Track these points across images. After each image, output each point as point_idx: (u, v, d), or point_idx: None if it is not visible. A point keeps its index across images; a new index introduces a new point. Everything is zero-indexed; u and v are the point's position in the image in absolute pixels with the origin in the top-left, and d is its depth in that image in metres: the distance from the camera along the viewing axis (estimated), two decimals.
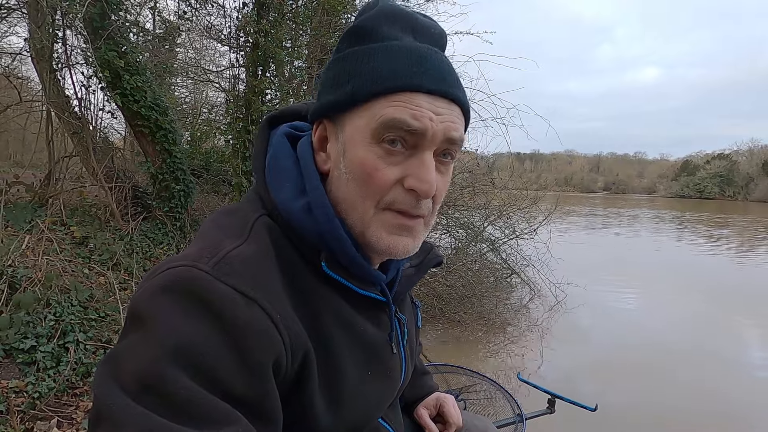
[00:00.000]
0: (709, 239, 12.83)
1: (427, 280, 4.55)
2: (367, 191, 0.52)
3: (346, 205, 0.54)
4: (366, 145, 0.51)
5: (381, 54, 0.52)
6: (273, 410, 0.45)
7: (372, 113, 0.51)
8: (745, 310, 5.44)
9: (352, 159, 0.52)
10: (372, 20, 0.54)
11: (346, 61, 0.54)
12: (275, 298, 0.47)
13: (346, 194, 0.54)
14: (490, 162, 6.96)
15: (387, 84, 0.50)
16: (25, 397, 2.08)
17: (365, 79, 0.51)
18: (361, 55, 0.53)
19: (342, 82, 0.53)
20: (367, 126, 0.51)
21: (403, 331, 0.67)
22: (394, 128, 0.50)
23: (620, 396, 3.10)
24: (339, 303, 0.55)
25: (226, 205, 0.64)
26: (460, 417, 0.88)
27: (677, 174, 67.43)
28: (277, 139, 0.60)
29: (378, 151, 0.51)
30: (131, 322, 0.44)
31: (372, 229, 0.53)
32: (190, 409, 0.39)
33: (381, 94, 0.51)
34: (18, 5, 3.89)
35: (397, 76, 0.50)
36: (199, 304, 0.43)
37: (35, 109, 4.48)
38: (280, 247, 0.52)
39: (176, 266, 0.46)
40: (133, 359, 0.41)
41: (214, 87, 6.43)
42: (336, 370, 0.54)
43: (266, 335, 0.44)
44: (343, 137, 0.54)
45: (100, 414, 0.39)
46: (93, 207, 3.95)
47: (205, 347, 0.41)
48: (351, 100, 0.52)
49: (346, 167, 0.53)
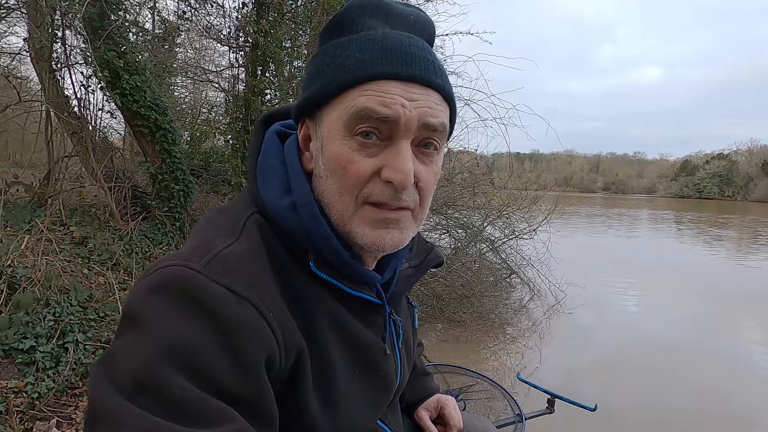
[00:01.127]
0: (709, 239, 12.84)
1: (427, 280, 4.55)
2: (345, 186, 0.51)
3: (328, 203, 0.53)
4: (340, 139, 0.50)
5: (352, 45, 0.51)
6: (268, 408, 0.45)
7: (344, 105, 0.50)
8: (745, 310, 5.45)
9: (328, 154, 0.52)
10: (349, 13, 0.53)
11: (322, 56, 0.54)
12: (267, 296, 0.47)
13: (326, 192, 0.53)
14: (489, 162, 6.96)
15: (356, 74, 0.49)
16: (25, 398, 2.08)
17: (336, 72, 0.50)
18: (334, 48, 0.52)
19: (317, 78, 0.53)
20: (339, 119, 0.50)
21: (399, 332, 0.66)
22: (365, 118, 0.49)
23: (620, 396, 3.10)
24: (331, 303, 0.55)
25: (222, 204, 0.63)
26: (460, 419, 0.88)
27: (677, 174, 67.51)
28: (268, 138, 0.60)
29: (352, 144, 0.50)
30: (125, 322, 0.44)
31: (354, 224, 0.52)
32: (186, 408, 0.39)
33: (351, 85, 0.49)
34: (17, 5, 3.89)
35: (366, 65, 0.49)
36: (191, 304, 0.43)
37: (34, 109, 4.48)
38: (271, 246, 0.52)
39: (168, 266, 0.46)
40: (127, 359, 0.41)
41: (214, 87, 6.43)
42: (329, 371, 0.54)
43: (259, 333, 0.44)
44: (321, 133, 0.53)
45: (96, 415, 0.39)
46: (92, 207, 3.95)
47: (198, 346, 0.41)
48: (323, 95, 0.51)
49: (324, 164, 0.52)
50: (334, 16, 0.55)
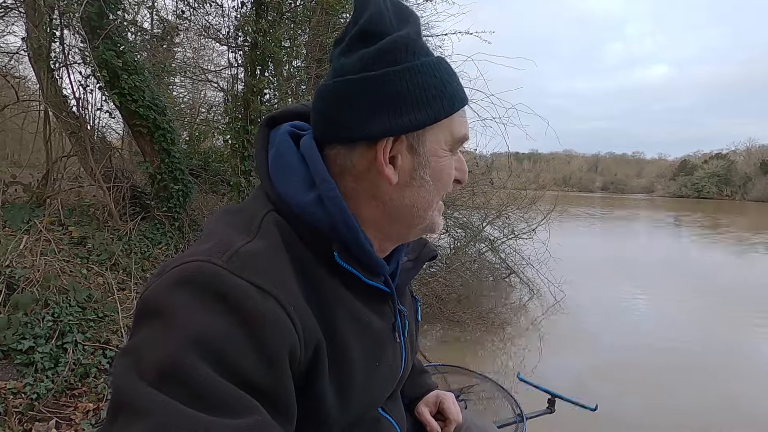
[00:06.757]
0: (709, 239, 12.87)
1: (427, 279, 4.56)
2: (443, 191, 0.61)
3: (422, 206, 0.60)
4: (447, 156, 0.59)
5: (438, 70, 0.56)
6: (289, 402, 0.47)
7: (449, 129, 0.58)
8: (743, 307, 5.46)
9: (438, 168, 0.59)
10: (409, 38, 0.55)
11: (413, 74, 0.54)
12: (288, 290, 0.48)
13: (423, 199, 0.59)
14: (488, 162, 6.96)
15: (456, 105, 0.58)
16: (24, 398, 2.07)
17: (442, 99, 0.56)
18: (427, 68, 0.55)
19: (421, 101, 0.55)
20: (446, 140, 0.58)
21: (404, 322, 0.69)
22: (462, 141, 0.60)
23: (621, 395, 3.11)
24: (347, 295, 0.57)
25: (230, 205, 0.65)
26: (460, 414, 0.90)
27: (675, 173, 67.65)
28: (281, 137, 0.61)
29: (452, 160, 0.61)
30: (147, 315, 0.45)
31: (435, 216, 0.62)
32: (211, 398, 0.40)
33: (454, 112, 0.58)
34: (15, 4, 3.88)
35: (458, 93, 0.58)
36: (216, 297, 0.44)
37: (33, 109, 4.47)
38: (289, 242, 0.53)
39: (190, 261, 0.47)
40: (153, 350, 0.41)
41: (213, 86, 6.43)
42: (346, 361, 0.55)
43: (282, 327, 0.46)
44: (425, 150, 0.58)
45: (120, 403, 0.39)
46: (91, 207, 3.94)
47: (224, 338, 0.42)
48: (434, 119, 0.56)
49: (431, 176, 0.59)
50: (393, 40, 0.54)
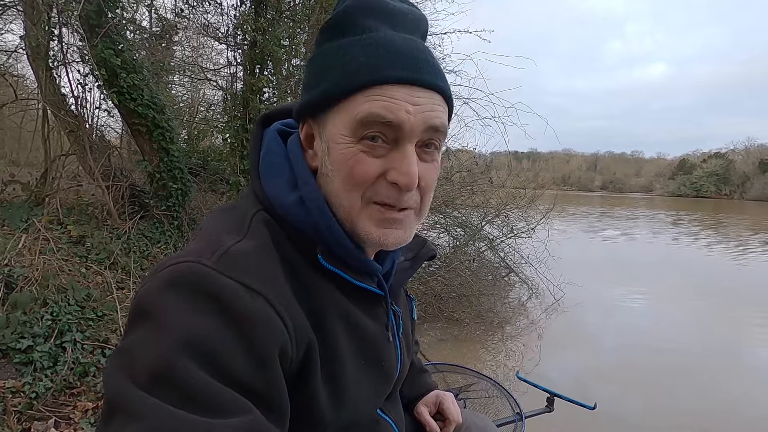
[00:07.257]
0: (709, 238, 12.88)
1: (426, 279, 4.56)
2: (352, 186, 0.53)
3: (335, 200, 0.55)
4: (347, 142, 0.52)
5: (354, 48, 0.51)
6: (282, 400, 0.46)
7: (350, 110, 0.51)
8: (743, 308, 5.47)
9: (335, 156, 0.53)
10: (349, 12, 0.53)
11: (323, 56, 0.54)
12: (278, 290, 0.48)
13: (333, 190, 0.55)
14: (488, 161, 6.95)
15: (361, 80, 0.50)
16: (22, 398, 2.07)
17: (340, 76, 0.51)
18: (335, 51, 0.53)
19: (318, 81, 0.54)
20: (346, 123, 0.52)
21: (398, 323, 0.69)
22: (371, 123, 0.50)
23: (620, 394, 3.11)
24: (337, 296, 0.56)
25: (225, 204, 0.65)
26: (459, 414, 0.89)
27: (674, 173, 67.69)
28: (270, 136, 0.61)
29: (360, 147, 0.52)
30: (138, 317, 0.45)
31: (360, 222, 0.54)
32: (203, 400, 0.39)
33: (357, 89, 0.50)
34: (14, 2, 3.86)
35: (372, 69, 0.50)
36: (206, 298, 0.44)
37: (31, 108, 4.45)
38: (278, 242, 0.53)
39: (180, 262, 0.47)
40: (143, 352, 0.41)
41: (212, 85, 6.41)
42: (337, 362, 0.55)
43: (272, 326, 0.46)
44: (326, 135, 0.54)
45: (113, 407, 0.39)
46: (90, 206, 3.93)
47: (214, 339, 0.42)
48: (328, 98, 0.52)
49: (331, 165, 0.54)
50: (333, 15, 0.54)
